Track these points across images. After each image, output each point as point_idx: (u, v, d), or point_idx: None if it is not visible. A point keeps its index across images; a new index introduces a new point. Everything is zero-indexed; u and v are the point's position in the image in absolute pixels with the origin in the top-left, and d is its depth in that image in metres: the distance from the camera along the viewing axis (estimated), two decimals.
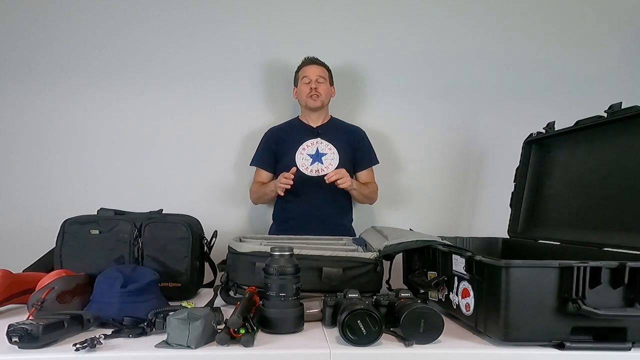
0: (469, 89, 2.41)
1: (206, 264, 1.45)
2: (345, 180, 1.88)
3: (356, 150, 2.14)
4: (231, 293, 1.23)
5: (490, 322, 0.91)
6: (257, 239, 1.40)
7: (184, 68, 2.31)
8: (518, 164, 1.52)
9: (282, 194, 1.90)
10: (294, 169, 1.88)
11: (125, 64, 2.29)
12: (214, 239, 1.45)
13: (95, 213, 1.37)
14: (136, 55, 2.29)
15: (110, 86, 2.29)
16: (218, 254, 1.41)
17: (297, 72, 2.15)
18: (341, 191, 2.08)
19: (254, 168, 2.19)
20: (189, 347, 0.87)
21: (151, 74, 2.30)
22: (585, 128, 1.25)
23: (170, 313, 0.92)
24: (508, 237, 1.54)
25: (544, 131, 1.42)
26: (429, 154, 2.41)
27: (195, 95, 2.32)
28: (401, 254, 1.38)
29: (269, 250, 1.02)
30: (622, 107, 1.13)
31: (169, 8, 2.31)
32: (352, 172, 2.15)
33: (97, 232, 1.30)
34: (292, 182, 1.86)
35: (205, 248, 1.42)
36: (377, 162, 2.19)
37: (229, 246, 1.28)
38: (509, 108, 2.40)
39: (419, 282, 1.19)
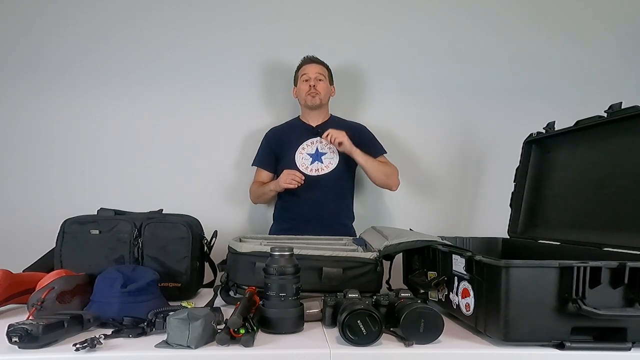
0: (469, 89, 2.41)
1: (206, 264, 1.45)
2: (338, 135, 1.93)
3: (357, 145, 2.12)
4: (231, 293, 1.23)
5: (490, 322, 0.91)
6: (257, 239, 1.40)
7: (184, 68, 2.31)
8: (518, 164, 1.52)
9: (286, 187, 1.94)
10: (302, 177, 1.92)
11: (125, 64, 2.29)
12: (214, 239, 1.45)
13: (95, 213, 1.37)
14: (136, 55, 2.29)
15: (110, 86, 2.29)
16: (218, 254, 1.41)
17: (296, 71, 2.15)
18: (342, 191, 2.08)
19: (254, 168, 2.19)
20: (189, 347, 0.87)
21: (151, 74, 2.30)
22: (585, 128, 1.25)
23: (170, 313, 0.92)
24: (508, 237, 1.54)
25: (544, 131, 1.42)
26: (429, 154, 2.41)
27: (195, 96, 2.32)
28: (401, 254, 1.38)
29: (269, 250, 1.02)
30: (622, 107, 1.12)
31: (168, 8, 2.30)
32: (355, 169, 2.14)
33: (97, 232, 1.30)
34: (296, 185, 1.90)
35: (205, 248, 1.42)
36: (385, 152, 2.14)
37: (229, 246, 1.28)
38: (509, 108, 2.40)
39: (419, 282, 1.19)
